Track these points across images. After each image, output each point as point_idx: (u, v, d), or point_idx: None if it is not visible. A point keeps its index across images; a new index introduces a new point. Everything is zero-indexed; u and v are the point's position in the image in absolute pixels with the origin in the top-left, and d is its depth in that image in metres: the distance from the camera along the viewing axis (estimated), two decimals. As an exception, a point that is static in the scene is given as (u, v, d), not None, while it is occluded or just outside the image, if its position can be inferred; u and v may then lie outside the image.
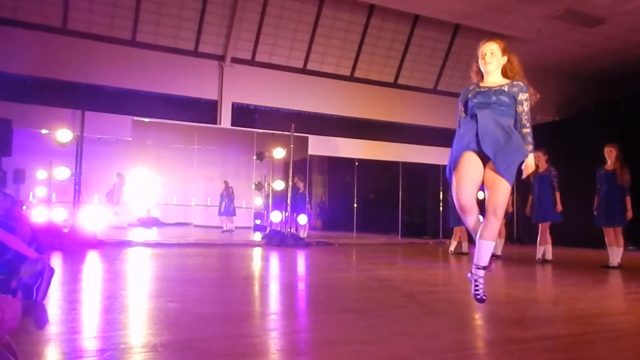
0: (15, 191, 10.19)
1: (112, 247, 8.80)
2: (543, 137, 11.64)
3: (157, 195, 14.54)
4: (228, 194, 14.63)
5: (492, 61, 3.72)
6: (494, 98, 3.58)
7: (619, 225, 7.24)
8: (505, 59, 3.78)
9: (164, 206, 14.78)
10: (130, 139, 10.87)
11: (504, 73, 3.80)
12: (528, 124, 3.65)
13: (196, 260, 7.69)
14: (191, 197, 14.01)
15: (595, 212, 7.41)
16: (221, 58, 11.47)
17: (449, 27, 12.80)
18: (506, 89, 3.64)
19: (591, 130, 11.31)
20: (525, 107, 3.66)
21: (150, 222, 13.83)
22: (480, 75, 3.82)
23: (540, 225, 7.96)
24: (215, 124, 11.53)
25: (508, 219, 8.86)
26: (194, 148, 13.39)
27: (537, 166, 8.02)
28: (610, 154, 7.35)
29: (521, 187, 9.81)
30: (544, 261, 7.76)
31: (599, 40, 12.08)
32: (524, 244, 11.66)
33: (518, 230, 12.80)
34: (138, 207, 14.02)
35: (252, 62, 11.77)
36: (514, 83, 3.69)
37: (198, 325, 3.23)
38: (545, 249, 7.87)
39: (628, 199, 7.14)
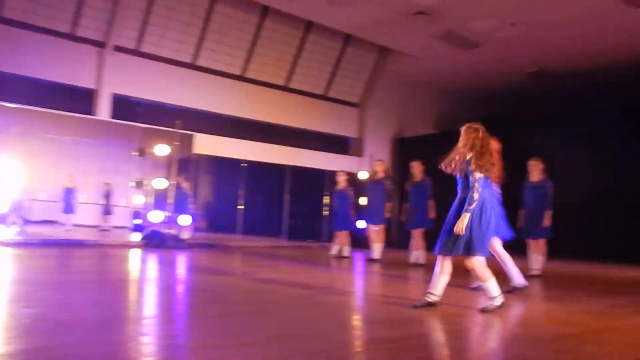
0: None
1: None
2: (420, 148, 12.37)
3: (22, 189, 13.29)
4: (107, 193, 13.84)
5: None
6: None
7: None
8: None
9: (31, 202, 13.56)
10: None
11: None
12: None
13: (64, 261, 7.12)
14: (61, 193, 12.98)
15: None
16: (102, 44, 10.72)
17: (341, 36, 13.09)
18: None
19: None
20: None
21: (11, 219, 12.62)
22: None
23: (413, 232, 8.42)
24: (92, 114, 10.75)
25: (387, 225, 9.26)
26: (67, 139, 12.43)
27: (413, 175, 8.51)
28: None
29: (400, 195, 10.29)
30: (417, 265, 8.17)
31: (474, 62, 13.02)
32: (402, 249, 12.20)
33: (396, 235, 13.36)
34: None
35: (136, 52, 11.15)
36: None
37: (56, 332, 2.95)
38: (418, 253, 8.31)
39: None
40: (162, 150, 11.14)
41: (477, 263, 4.11)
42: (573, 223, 9.88)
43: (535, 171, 7.48)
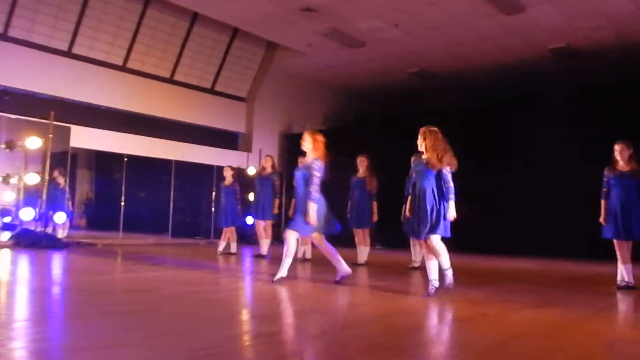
0: None
1: None
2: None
3: None
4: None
5: None
6: None
7: (367, 227, 8.19)
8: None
9: None
10: None
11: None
12: None
13: None
14: None
15: (349, 215, 8.26)
16: (-36, 28, 9.82)
17: (229, 29, 12.98)
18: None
19: (351, 141, 12.58)
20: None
21: None
22: None
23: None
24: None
25: (275, 220, 9.38)
26: None
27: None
28: (362, 164, 8.28)
29: (289, 190, 10.45)
30: (304, 260, 8.37)
31: (361, 60, 13.53)
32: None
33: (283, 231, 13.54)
34: None
35: (5, 37, 10.31)
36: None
37: None
38: (305, 249, 8.50)
39: (375, 204, 8.13)
40: (33, 143, 10.38)
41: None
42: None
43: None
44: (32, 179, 10.75)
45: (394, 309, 4.35)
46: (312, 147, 5.59)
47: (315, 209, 5.32)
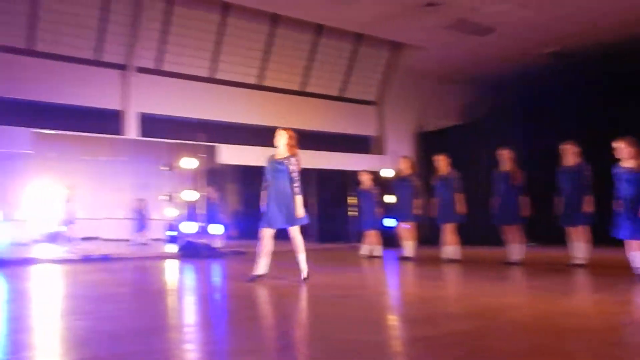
0: None
1: (16, 266, 8.30)
2: (444, 141, 12.39)
3: (63, 209, 13.82)
4: (141, 209, 14.28)
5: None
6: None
7: (517, 223, 7.72)
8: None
9: (72, 220, 14.08)
10: (31, 152, 10.29)
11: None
12: None
13: (106, 275, 7.43)
14: (100, 210, 13.47)
15: (493, 212, 7.91)
16: (124, 67, 11.13)
17: (352, 35, 13.21)
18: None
19: (490, 134, 12.10)
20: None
21: (56, 237, 13.12)
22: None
23: (445, 227, 8.42)
24: (121, 134, 11.17)
25: (418, 221, 9.28)
26: (101, 160, 12.90)
27: (438, 169, 8.57)
28: (504, 157, 7.86)
29: (428, 190, 10.34)
30: (451, 261, 8.14)
31: (491, 48, 12.93)
32: (434, 245, 12.21)
33: (427, 232, 13.38)
34: (43, 222, 13.26)
35: (157, 72, 11.53)
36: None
37: (108, 343, 3.19)
38: (451, 249, 8.27)
39: (523, 198, 7.63)
40: (188, 163, 11.46)
41: None
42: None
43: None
44: (190, 195, 11.87)
45: (556, 310, 4.07)
46: (286, 143, 6.03)
47: (301, 203, 5.85)
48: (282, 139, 6.10)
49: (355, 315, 4.03)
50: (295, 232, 6.01)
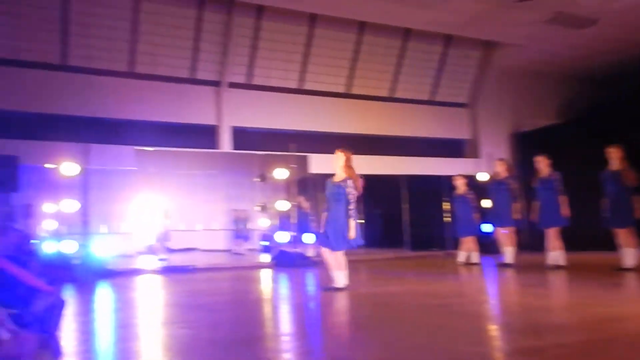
0: (24, 226, 10.25)
1: (122, 276, 8.81)
2: (544, 140, 11.74)
3: (163, 222, 14.57)
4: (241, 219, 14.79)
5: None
6: None
7: (629, 226, 7.10)
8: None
9: (171, 232, 14.80)
10: (135, 168, 10.95)
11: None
12: None
13: (205, 285, 7.69)
14: (196, 222, 14.05)
15: (603, 214, 7.35)
16: (218, 83, 11.58)
17: (441, 38, 12.93)
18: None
19: (592, 132, 11.34)
20: None
21: (157, 249, 13.83)
22: None
23: (548, 231, 7.94)
24: (216, 148, 11.61)
25: (517, 226, 8.81)
26: (197, 173, 13.47)
27: (539, 171, 8.09)
28: (613, 155, 7.31)
29: (527, 193, 9.82)
30: (556, 267, 7.68)
31: (593, 40, 12.15)
32: (535, 251, 11.59)
33: (527, 237, 12.73)
34: (145, 234, 14.04)
35: (248, 86, 11.89)
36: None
37: (211, 350, 3.24)
38: (556, 254, 7.80)
39: (635, 199, 7.03)
40: (280, 174, 11.67)
41: None
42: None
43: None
44: (282, 205, 12.07)
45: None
46: (342, 165, 5.97)
47: (354, 226, 5.82)
48: (338, 162, 6.06)
49: (455, 325, 3.87)
50: (341, 254, 6.03)
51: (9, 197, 9.05)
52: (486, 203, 9.64)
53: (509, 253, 8.51)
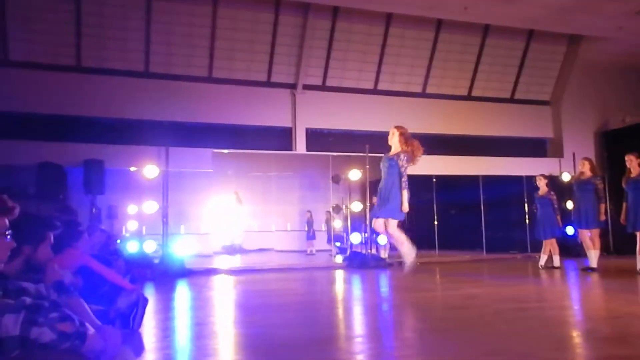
0: (109, 226, 10.84)
1: (199, 276, 9.11)
2: (634, 138, 11.01)
3: (239, 223, 14.96)
4: (309, 220, 14.94)
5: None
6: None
7: None
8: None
9: (246, 233, 15.15)
10: (212, 170, 11.31)
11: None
12: None
13: (279, 285, 7.80)
14: (271, 223, 14.31)
15: None
16: (293, 86, 11.75)
17: (522, 33, 12.44)
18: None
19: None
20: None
21: (234, 250, 14.22)
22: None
23: (638, 234, 7.43)
24: (291, 150, 11.78)
25: (602, 228, 8.32)
26: (271, 175, 13.72)
27: (629, 171, 7.59)
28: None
29: (615, 194, 9.25)
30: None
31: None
32: (621, 255, 10.90)
33: (614, 240, 12.00)
34: (222, 235, 14.47)
35: (323, 87, 11.97)
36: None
37: (284, 350, 3.27)
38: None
39: None
40: (354, 175, 11.63)
41: None
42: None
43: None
44: (356, 207, 12.03)
45: None
46: (398, 140, 6.16)
47: (407, 197, 5.85)
48: (393, 137, 6.32)
49: (534, 330, 3.70)
50: (392, 226, 5.94)
51: (95, 198, 9.61)
52: (570, 204, 9.18)
53: (593, 256, 8.05)
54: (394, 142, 6.28)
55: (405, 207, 5.91)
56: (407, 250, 5.88)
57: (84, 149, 9.98)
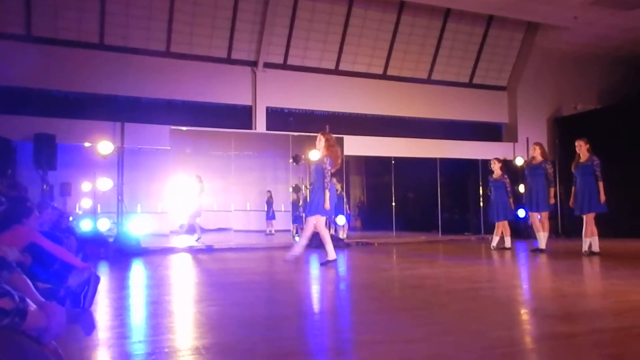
0: (62, 204, 10.51)
1: (156, 255, 8.98)
2: (584, 125, 11.39)
3: (196, 202, 14.76)
4: (269, 200, 14.90)
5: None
6: None
7: None
8: None
9: (205, 212, 14.96)
10: (169, 147, 11.08)
11: None
12: None
13: (237, 264, 7.77)
14: (230, 203, 14.16)
15: None
16: (254, 64, 11.58)
17: (482, 19, 12.60)
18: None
19: (635, 118, 10.95)
20: None
21: (190, 229, 14.04)
22: None
23: (584, 217, 7.72)
24: (251, 129, 11.65)
25: (552, 212, 8.63)
26: (231, 154, 13.55)
27: (578, 156, 7.85)
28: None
29: (565, 178, 9.56)
30: (590, 254, 7.50)
31: (637, 23, 11.66)
32: (569, 237, 11.33)
33: (562, 223, 12.47)
34: (179, 214, 14.26)
35: (284, 66, 11.84)
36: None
37: (240, 328, 3.27)
38: (591, 241, 7.61)
39: None
40: (315, 155, 11.60)
41: None
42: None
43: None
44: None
45: None
46: (323, 146, 6.75)
47: (328, 197, 6.57)
48: (320, 142, 6.89)
49: (485, 309, 3.83)
50: (320, 224, 6.91)
51: (46, 175, 9.29)
52: (522, 188, 9.45)
53: (542, 238, 8.37)
54: (320, 147, 6.89)
55: (327, 206, 6.59)
56: (329, 249, 6.73)
57: (34, 122, 9.58)
